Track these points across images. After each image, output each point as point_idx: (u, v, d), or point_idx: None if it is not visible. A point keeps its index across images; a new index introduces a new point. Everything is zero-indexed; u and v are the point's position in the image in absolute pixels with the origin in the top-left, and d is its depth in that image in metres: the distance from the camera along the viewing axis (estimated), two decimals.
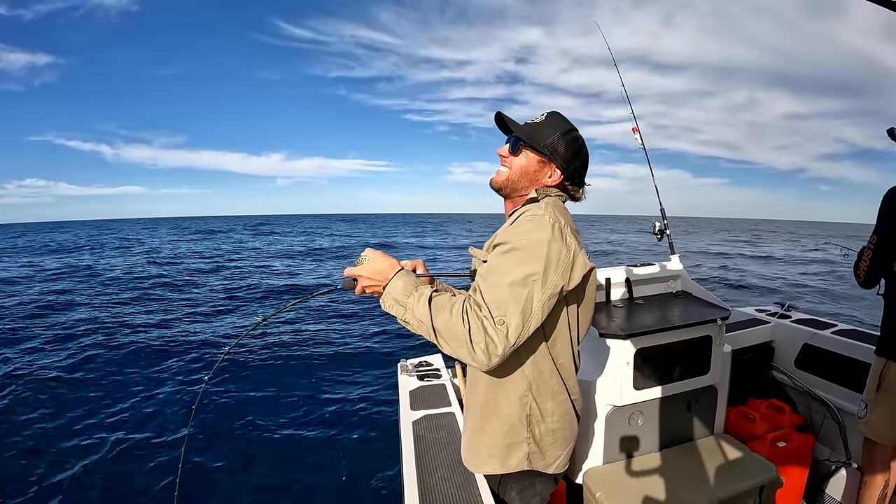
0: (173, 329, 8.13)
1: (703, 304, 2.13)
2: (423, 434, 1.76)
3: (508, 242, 1.08)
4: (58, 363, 6.27)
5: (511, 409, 1.21)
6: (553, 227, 1.07)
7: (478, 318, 1.01)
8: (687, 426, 2.06)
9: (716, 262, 17.35)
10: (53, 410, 4.83)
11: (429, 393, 2.10)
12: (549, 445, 1.25)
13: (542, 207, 1.12)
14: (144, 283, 13.12)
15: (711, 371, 2.02)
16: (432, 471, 1.53)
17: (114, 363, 6.31)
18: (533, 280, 1.03)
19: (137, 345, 7.06)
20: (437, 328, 1.04)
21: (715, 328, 1.97)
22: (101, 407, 4.96)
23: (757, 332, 2.62)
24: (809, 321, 2.67)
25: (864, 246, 1.84)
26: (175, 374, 5.89)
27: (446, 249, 24.87)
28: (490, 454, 1.26)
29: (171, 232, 42.43)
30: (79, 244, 29.51)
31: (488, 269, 1.08)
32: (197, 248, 25.87)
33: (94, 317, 8.97)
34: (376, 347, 6.85)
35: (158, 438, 4.26)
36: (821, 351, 2.45)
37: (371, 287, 1.15)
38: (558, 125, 1.22)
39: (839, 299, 10.40)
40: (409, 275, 1.14)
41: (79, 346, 7.03)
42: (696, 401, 2.04)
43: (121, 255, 19.25)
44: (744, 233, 53.87)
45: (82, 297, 10.96)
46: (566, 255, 1.08)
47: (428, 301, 1.06)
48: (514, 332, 1.01)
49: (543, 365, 1.20)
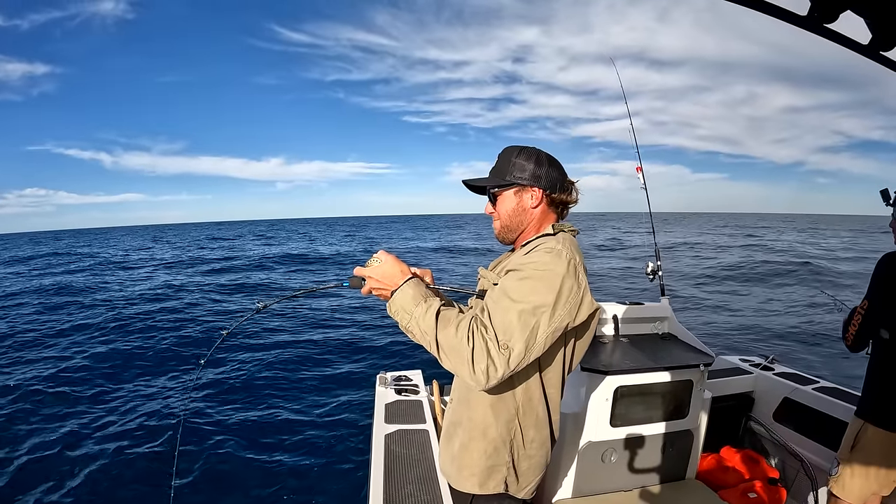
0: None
1: (688, 349, 2.14)
2: (394, 448, 1.74)
3: (523, 270, 1.09)
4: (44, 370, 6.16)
5: (498, 433, 1.23)
6: (569, 263, 1.10)
7: (483, 339, 1.02)
8: (660, 468, 2.05)
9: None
10: (42, 418, 4.74)
11: (405, 408, 2.09)
12: (524, 471, 1.27)
13: (559, 241, 1.15)
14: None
15: (689, 416, 2.03)
16: (400, 486, 1.51)
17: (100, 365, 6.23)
18: (542, 311, 1.05)
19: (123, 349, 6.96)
20: (440, 342, 1.04)
21: (697, 373, 1.98)
22: (92, 411, 4.90)
23: (739, 381, 2.63)
24: (792, 375, 2.68)
25: (855, 308, 1.84)
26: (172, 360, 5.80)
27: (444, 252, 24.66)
28: (471, 473, 1.28)
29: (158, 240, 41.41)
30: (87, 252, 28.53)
31: (499, 292, 1.08)
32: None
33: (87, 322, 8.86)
34: (357, 355, 6.79)
35: (150, 439, 4.21)
36: (801, 406, 2.46)
37: (379, 290, 1.15)
38: (510, 153, 1.26)
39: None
40: (419, 284, 1.14)
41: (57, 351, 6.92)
42: (671, 444, 2.03)
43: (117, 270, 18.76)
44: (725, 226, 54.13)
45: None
46: (576, 293, 1.10)
47: (435, 314, 1.06)
48: (516, 359, 1.02)
49: (533, 392, 1.22)
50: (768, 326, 8.01)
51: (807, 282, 12.61)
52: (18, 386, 5.46)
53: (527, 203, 1.25)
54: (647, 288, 9.44)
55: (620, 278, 12.91)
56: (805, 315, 8.84)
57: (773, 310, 9.50)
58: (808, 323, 8.17)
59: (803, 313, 9.01)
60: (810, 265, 15.59)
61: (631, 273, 13.54)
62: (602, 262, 14.95)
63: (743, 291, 11.75)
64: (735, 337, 7.46)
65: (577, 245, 1.25)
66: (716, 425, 2.31)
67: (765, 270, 14.74)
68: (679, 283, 12.38)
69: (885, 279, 1.72)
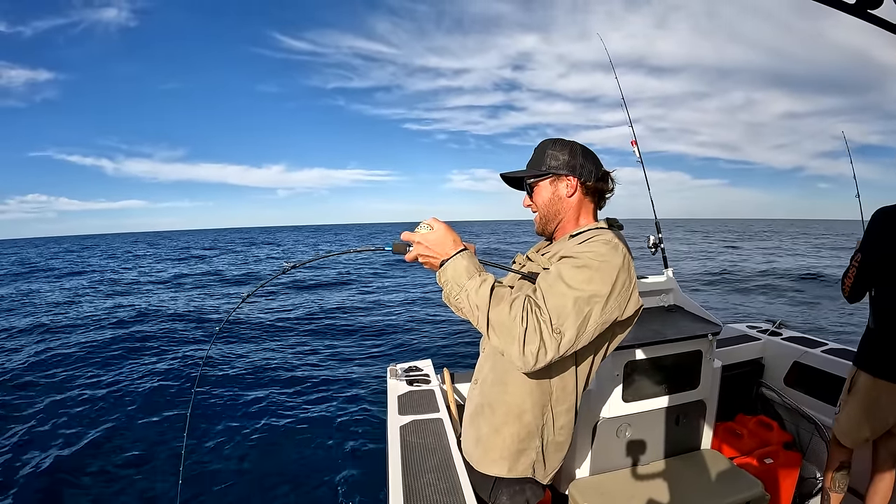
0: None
1: (695, 319, 2.13)
2: (410, 439, 1.75)
3: (580, 259, 1.08)
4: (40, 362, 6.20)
5: (532, 417, 1.24)
6: (625, 257, 1.10)
7: (536, 320, 1.00)
8: (675, 440, 2.06)
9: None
10: (45, 414, 4.78)
11: (417, 398, 2.09)
12: (551, 456, 1.29)
13: (615, 235, 1.16)
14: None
15: (701, 386, 2.03)
16: (418, 476, 1.52)
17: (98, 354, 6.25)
18: (597, 301, 1.04)
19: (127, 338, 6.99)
20: (490, 319, 1.03)
21: (705, 343, 1.98)
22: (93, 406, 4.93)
23: (747, 348, 2.63)
24: (800, 339, 2.68)
25: (852, 260, 1.91)
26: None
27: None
28: (501, 456, 1.28)
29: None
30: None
31: (555, 276, 1.07)
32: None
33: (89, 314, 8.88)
34: (368, 350, 6.82)
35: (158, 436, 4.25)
36: (810, 369, 2.46)
37: (427, 258, 1.11)
38: (545, 144, 1.28)
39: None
40: (472, 257, 1.12)
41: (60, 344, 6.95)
42: (684, 415, 2.04)
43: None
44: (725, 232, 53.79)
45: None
46: (628, 287, 1.10)
47: (490, 289, 1.05)
48: (566, 344, 1.02)
49: (568, 381, 1.24)
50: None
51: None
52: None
53: (562, 192, 1.25)
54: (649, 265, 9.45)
55: None
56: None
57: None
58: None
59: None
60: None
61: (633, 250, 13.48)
62: None
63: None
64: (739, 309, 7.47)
65: (626, 241, 1.26)
66: (728, 393, 2.31)
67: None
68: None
69: (877, 233, 1.79)
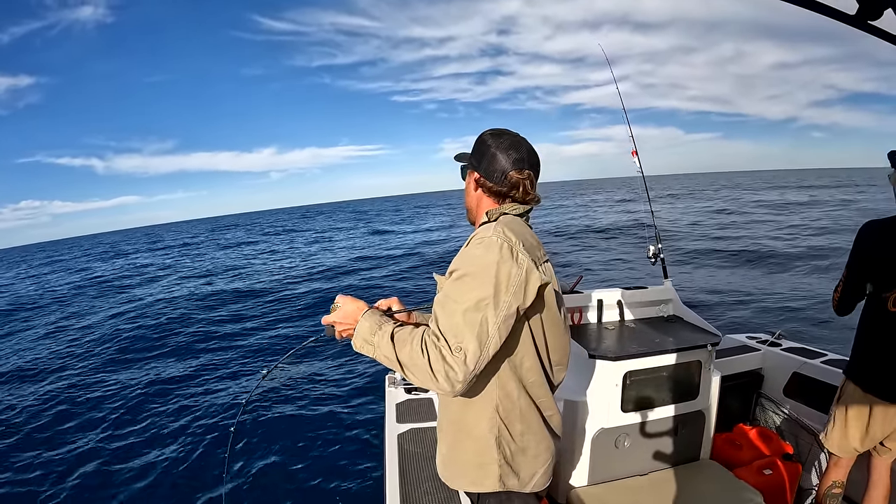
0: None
1: (694, 330, 2.14)
2: (407, 447, 1.75)
3: (459, 269, 1.09)
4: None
5: (480, 431, 1.21)
6: (501, 247, 1.07)
7: (436, 347, 1.03)
8: (674, 451, 2.06)
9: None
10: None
11: (415, 406, 2.09)
12: (521, 465, 1.23)
13: (490, 229, 1.12)
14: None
15: (700, 396, 2.02)
16: (416, 485, 1.52)
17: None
18: (485, 304, 1.04)
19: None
20: (402, 361, 1.06)
21: (705, 354, 1.98)
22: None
23: (747, 359, 2.63)
24: (799, 350, 2.68)
25: (840, 278, 1.93)
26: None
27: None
28: (463, 473, 1.27)
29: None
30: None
31: (443, 297, 1.09)
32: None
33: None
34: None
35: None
36: (810, 380, 2.45)
37: (345, 331, 1.19)
38: (485, 133, 1.26)
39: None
40: (374, 314, 1.16)
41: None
42: (683, 426, 2.04)
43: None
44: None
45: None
46: (517, 274, 1.07)
47: (390, 337, 1.09)
48: (473, 358, 1.02)
49: (510, 386, 1.19)
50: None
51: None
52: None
53: (471, 186, 1.28)
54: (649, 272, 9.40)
55: (624, 265, 12.85)
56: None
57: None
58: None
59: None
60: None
61: (633, 257, 13.45)
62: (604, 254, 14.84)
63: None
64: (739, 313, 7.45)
65: (518, 223, 1.18)
66: (727, 404, 2.31)
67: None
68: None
69: (863, 248, 1.80)
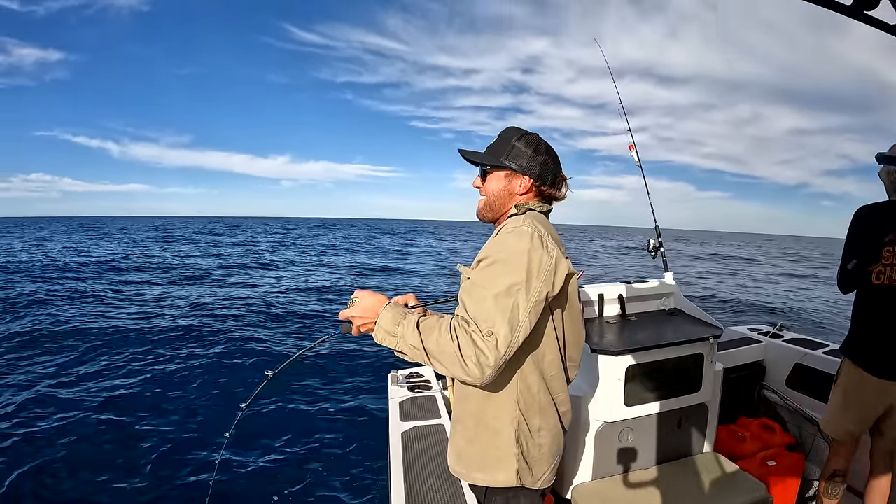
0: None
1: (696, 322, 2.14)
2: (411, 445, 1.75)
3: (490, 256, 1.10)
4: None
5: (501, 425, 1.21)
6: (532, 236, 1.09)
7: (466, 332, 1.02)
8: (677, 444, 2.06)
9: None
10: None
11: (419, 404, 2.09)
12: (536, 461, 1.25)
13: (520, 220, 1.15)
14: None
15: (703, 389, 2.03)
16: (420, 482, 1.52)
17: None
18: (517, 289, 1.05)
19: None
20: (428, 350, 1.05)
21: (707, 346, 1.98)
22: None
23: (749, 350, 2.63)
24: (801, 341, 2.68)
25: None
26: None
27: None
28: (480, 467, 1.26)
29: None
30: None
31: (472, 284, 1.10)
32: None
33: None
34: (367, 354, 6.81)
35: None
36: (812, 371, 2.46)
37: (364, 325, 1.17)
38: (511, 134, 1.26)
39: None
40: (396, 306, 1.16)
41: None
42: (686, 418, 2.04)
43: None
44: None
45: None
46: (548, 261, 1.09)
47: (416, 326, 1.08)
48: (504, 342, 1.02)
49: (532, 380, 1.20)
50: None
51: None
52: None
53: (515, 188, 1.26)
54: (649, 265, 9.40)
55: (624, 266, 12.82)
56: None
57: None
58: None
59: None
60: None
61: (632, 253, 13.43)
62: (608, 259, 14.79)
63: None
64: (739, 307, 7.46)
65: (543, 219, 1.23)
66: (730, 396, 2.31)
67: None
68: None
69: (854, 229, 1.85)
